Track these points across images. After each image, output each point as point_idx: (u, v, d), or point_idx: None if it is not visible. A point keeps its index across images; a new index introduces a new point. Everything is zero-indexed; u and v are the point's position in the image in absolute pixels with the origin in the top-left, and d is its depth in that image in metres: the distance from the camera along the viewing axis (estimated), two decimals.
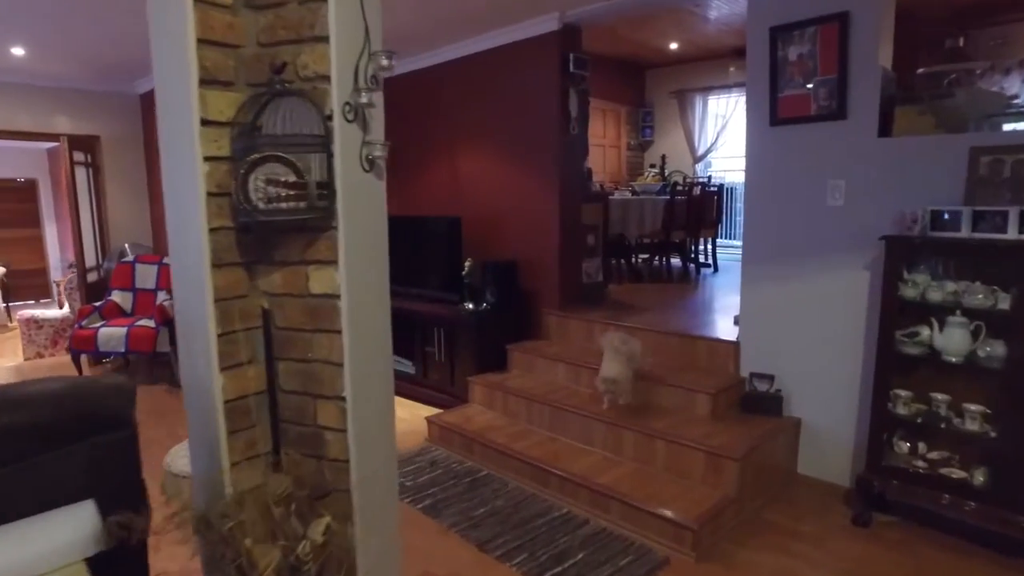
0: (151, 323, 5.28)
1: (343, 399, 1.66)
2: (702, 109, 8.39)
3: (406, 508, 3.13)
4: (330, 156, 1.56)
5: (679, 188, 6.20)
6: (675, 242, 6.22)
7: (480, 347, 4.32)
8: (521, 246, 4.67)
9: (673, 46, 7.55)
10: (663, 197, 6.07)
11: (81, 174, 5.92)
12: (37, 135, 5.74)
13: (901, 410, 2.65)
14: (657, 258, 6.47)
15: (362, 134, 1.64)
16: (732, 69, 7.80)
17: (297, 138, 1.53)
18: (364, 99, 1.58)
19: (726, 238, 8.48)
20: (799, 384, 3.26)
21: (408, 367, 5.01)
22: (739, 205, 8.64)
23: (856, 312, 3.01)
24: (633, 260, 6.39)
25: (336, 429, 1.69)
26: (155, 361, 5.41)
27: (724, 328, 3.91)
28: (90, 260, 6.01)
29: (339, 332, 1.63)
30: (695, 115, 8.42)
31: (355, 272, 1.63)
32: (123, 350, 5.18)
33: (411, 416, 4.39)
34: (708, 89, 8.24)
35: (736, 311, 4.16)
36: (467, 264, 4.58)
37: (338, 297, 1.62)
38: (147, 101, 6.09)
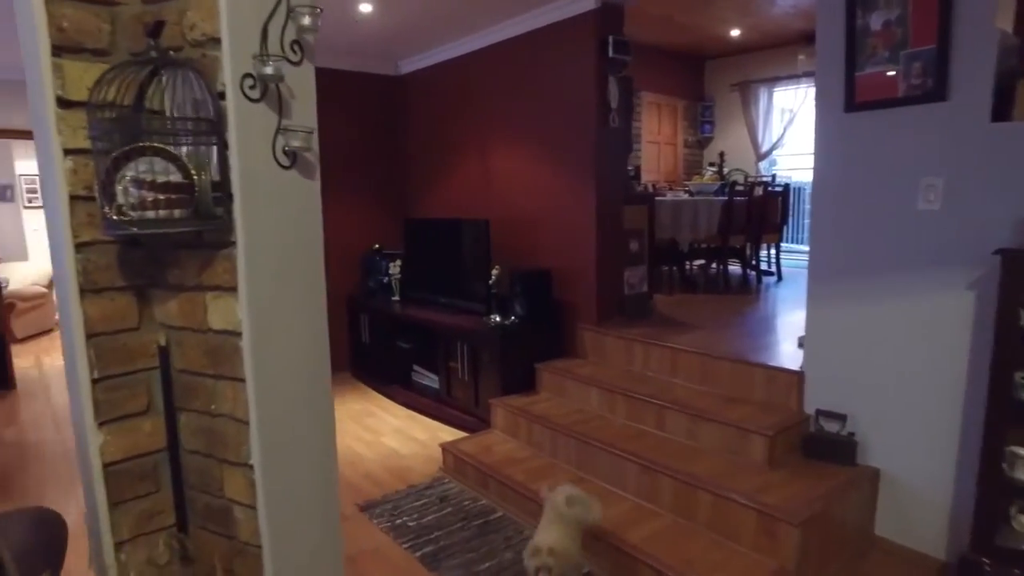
0: None
1: (251, 467, 1.25)
2: (767, 102, 7.69)
3: (403, 555, 2.72)
4: (223, 147, 1.15)
5: (739, 188, 5.58)
6: (734, 248, 5.61)
7: (506, 365, 3.87)
8: (555, 253, 4.20)
9: (735, 33, 6.89)
10: (721, 198, 5.47)
11: None
12: None
13: (1022, 474, 2.05)
14: (713, 265, 5.86)
15: (277, 118, 1.22)
16: (801, 57, 7.08)
17: (179, 124, 1.13)
18: (272, 70, 1.16)
19: (792, 242, 7.75)
20: (878, 427, 2.67)
21: (433, 381, 4.62)
22: (806, 206, 7.89)
23: (956, 342, 2.40)
24: (686, 268, 5.81)
25: (246, 504, 1.28)
26: None
27: (786, 352, 3.33)
28: None
29: (243, 381, 1.22)
30: (759, 109, 7.72)
31: (263, 303, 1.22)
32: None
33: (430, 439, 3.99)
34: (774, 80, 7.53)
35: (801, 330, 3.57)
36: (495, 272, 4.14)
37: (239, 335, 1.21)
38: None
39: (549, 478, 3.11)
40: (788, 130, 7.58)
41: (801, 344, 3.27)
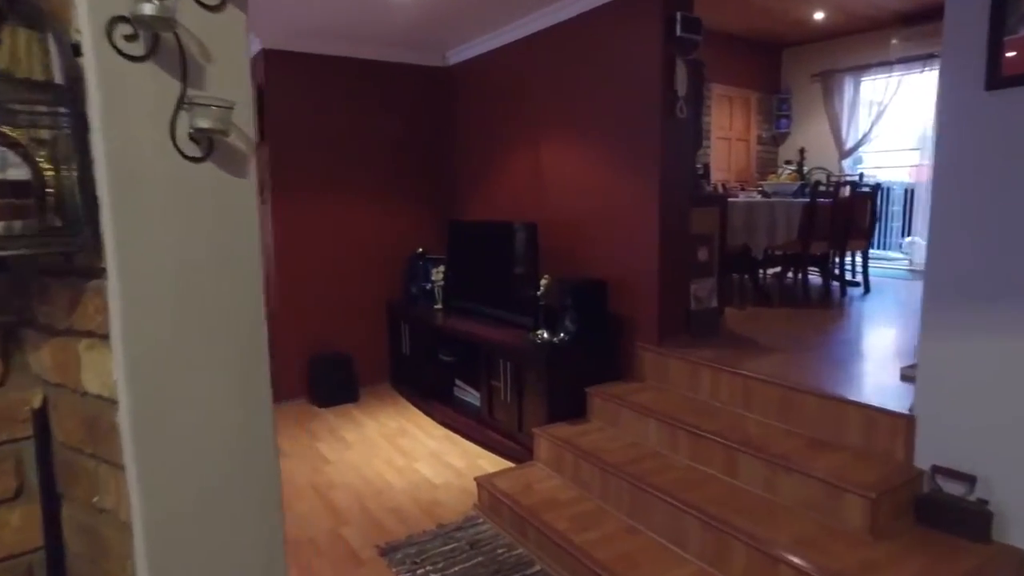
0: None
1: None
2: (853, 93, 6.94)
3: None
4: (82, 128, 0.76)
5: (822, 188, 4.95)
6: (814, 255, 4.97)
7: (553, 388, 3.43)
8: (611, 261, 3.73)
9: (818, 16, 6.21)
10: (801, 200, 4.85)
11: None
12: None
13: None
14: (790, 274, 5.24)
15: (179, 86, 0.82)
16: (895, 42, 6.33)
17: (16, 91, 0.75)
18: (156, 10, 0.76)
19: (879, 249, 6.98)
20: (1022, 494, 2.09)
21: (474, 399, 4.23)
22: (895, 209, 7.10)
23: None
24: (760, 277, 5.21)
25: None
26: None
27: (887, 387, 2.76)
28: None
29: (122, 469, 0.83)
30: (843, 101, 6.99)
31: (152, 357, 0.83)
32: None
33: (467, 466, 3.60)
34: (862, 68, 6.79)
35: (903, 358, 2.99)
36: (543, 282, 3.70)
37: (115, 403, 0.82)
38: None
39: (596, 528, 2.66)
40: (876, 124, 6.81)
41: (907, 377, 2.71)
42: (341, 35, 4.42)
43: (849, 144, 7.01)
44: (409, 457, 3.75)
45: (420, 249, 4.94)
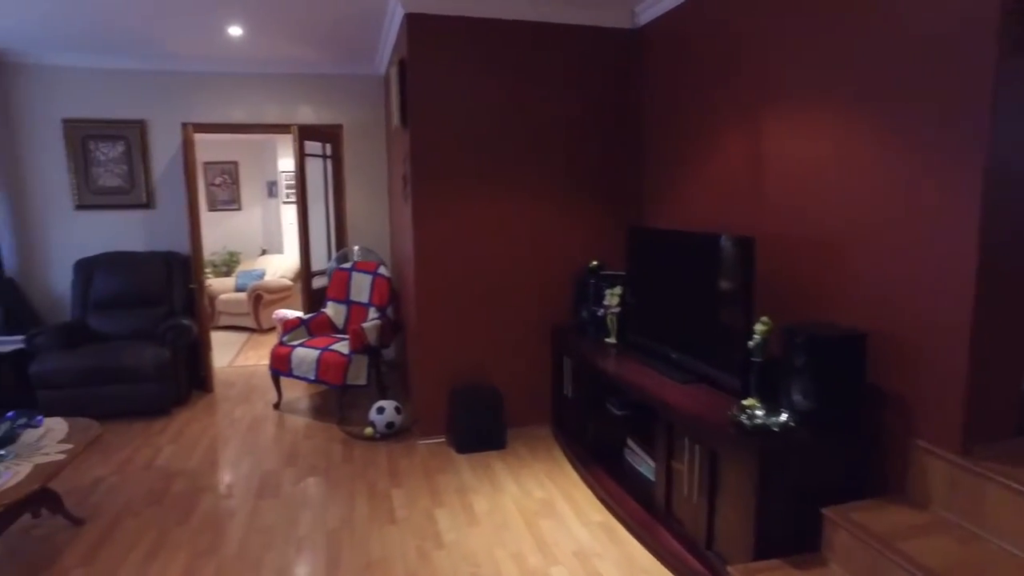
0: (345, 348, 4.28)
1: None
2: None
3: None
4: None
5: None
6: None
7: (768, 499, 2.16)
8: (876, 302, 2.34)
9: None
10: None
11: (317, 167, 5.30)
12: (277, 127, 5.26)
13: None
14: None
15: None
16: None
17: None
18: None
19: None
20: None
21: (649, 471, 3.09)
22: None
23: None
24: None
25: None
26: (343, 398, 4.39)
27: None
28: (323, 260, 5.38)
29: None
30: None
31: None
32: (312, 377, 4.28)
33: None
34: None
35: None
36: (760, 327, 2.43)
37: None
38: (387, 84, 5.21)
39: None
40: None
41: None
42: None
43: None
44: (547, 554, 2.71)
45: (595, 263, 3.86)
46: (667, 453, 2.72)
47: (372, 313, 4.64)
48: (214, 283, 8.14)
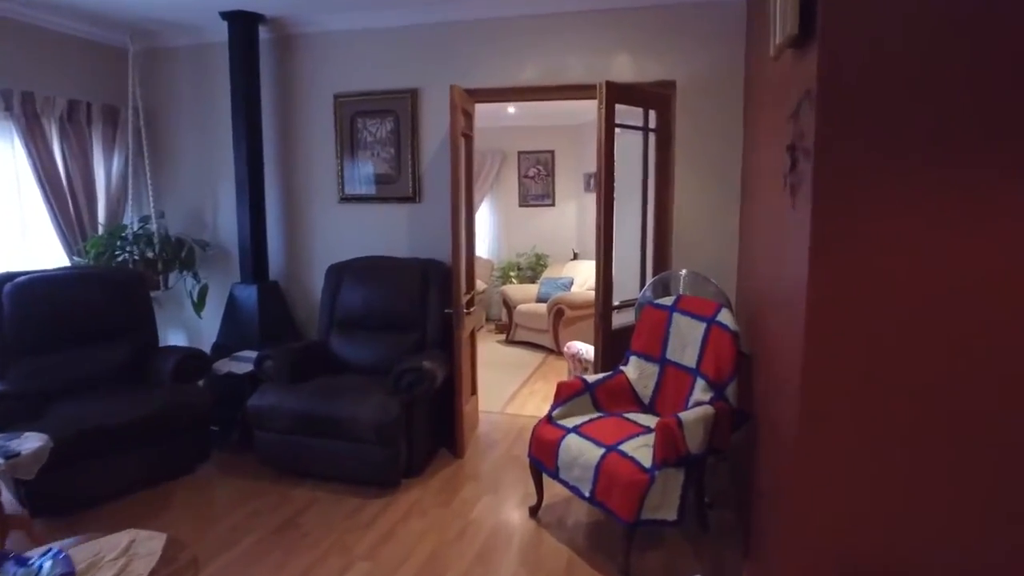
0: (646, 452, 2.48)
1: None
2: None
3: None
4: None
5: None
6: None
7: None
8: None
9: None
10: None
11: (634, 145, 3.56)
12: (578, 89, 3.62)
13: None
14: None
15: None
16: None
17: None
18: None
19: None
20: None
21: None
22: None
23: None
24: None
25: None
26: (633, 533, 2.55)
27: None
28: (632, 288, 3.63)
29: None
30: None
31: None
32: (587, 494, 2.57)
33: None
34: None
35: None
36: None
37: None
38: (753, 7, 3.15)
39: None
40: None
41: None
42: None
43: None
44: None
45: None
46: None
47: (700, 390, 2.71)
48: (515, 290, 7.12)
